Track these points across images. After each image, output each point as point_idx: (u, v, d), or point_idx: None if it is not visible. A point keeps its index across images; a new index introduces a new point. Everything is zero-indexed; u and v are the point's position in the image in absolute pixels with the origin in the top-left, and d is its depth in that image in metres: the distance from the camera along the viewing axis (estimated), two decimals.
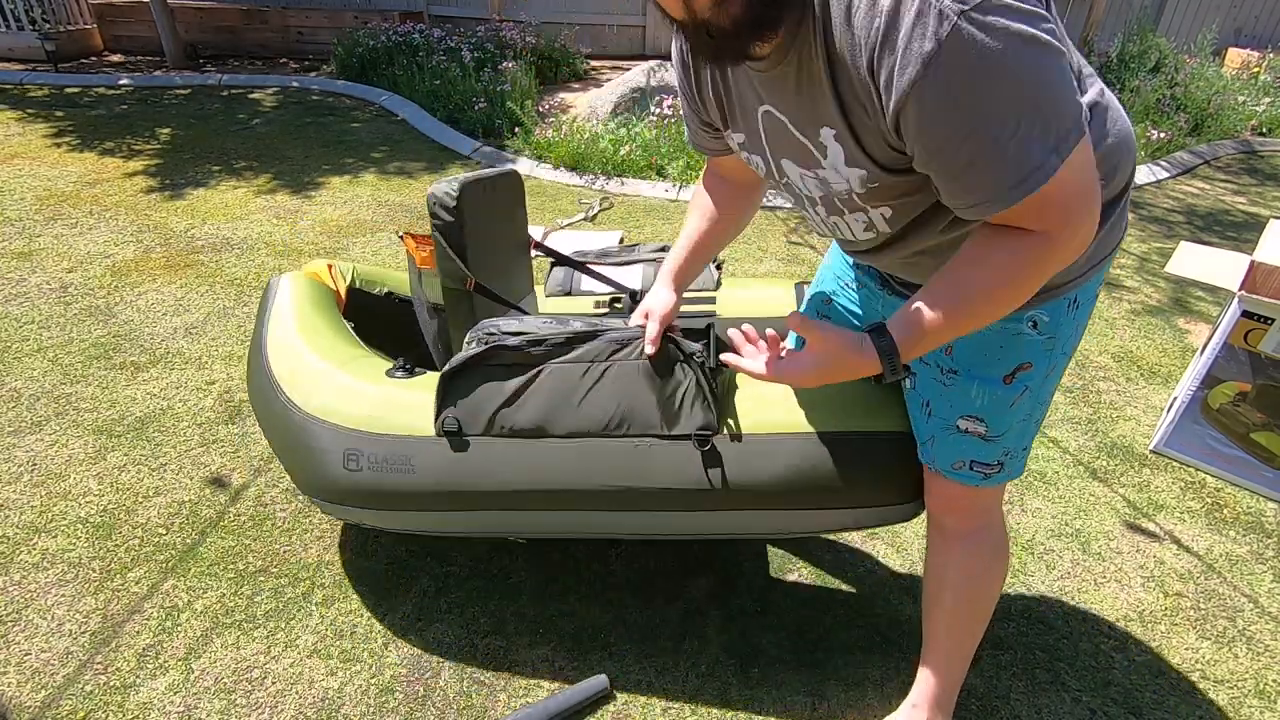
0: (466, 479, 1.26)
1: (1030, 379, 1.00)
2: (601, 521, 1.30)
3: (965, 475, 1.07)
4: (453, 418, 1.25)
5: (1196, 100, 4.98)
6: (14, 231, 3.11)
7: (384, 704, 1.34)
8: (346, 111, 5.05)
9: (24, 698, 1.33)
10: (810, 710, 1.35)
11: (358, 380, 1.36)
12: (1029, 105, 0.68)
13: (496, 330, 1.26)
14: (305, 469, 1.34)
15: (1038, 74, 0.67)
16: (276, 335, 1.51)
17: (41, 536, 1.66)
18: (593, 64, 6.38)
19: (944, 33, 0.65)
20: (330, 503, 1.35)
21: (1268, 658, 1.50)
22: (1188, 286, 3.05)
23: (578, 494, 1.25)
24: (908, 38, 0.67)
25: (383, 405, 1.30)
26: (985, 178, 0.72)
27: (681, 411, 1.21)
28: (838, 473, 1.20)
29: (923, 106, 0.69)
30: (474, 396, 1.25)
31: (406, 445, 1.27)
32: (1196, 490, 1.94)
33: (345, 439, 1.29)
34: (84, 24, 6.35)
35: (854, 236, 0.98)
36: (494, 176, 1.61)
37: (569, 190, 3.91)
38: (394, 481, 1.27)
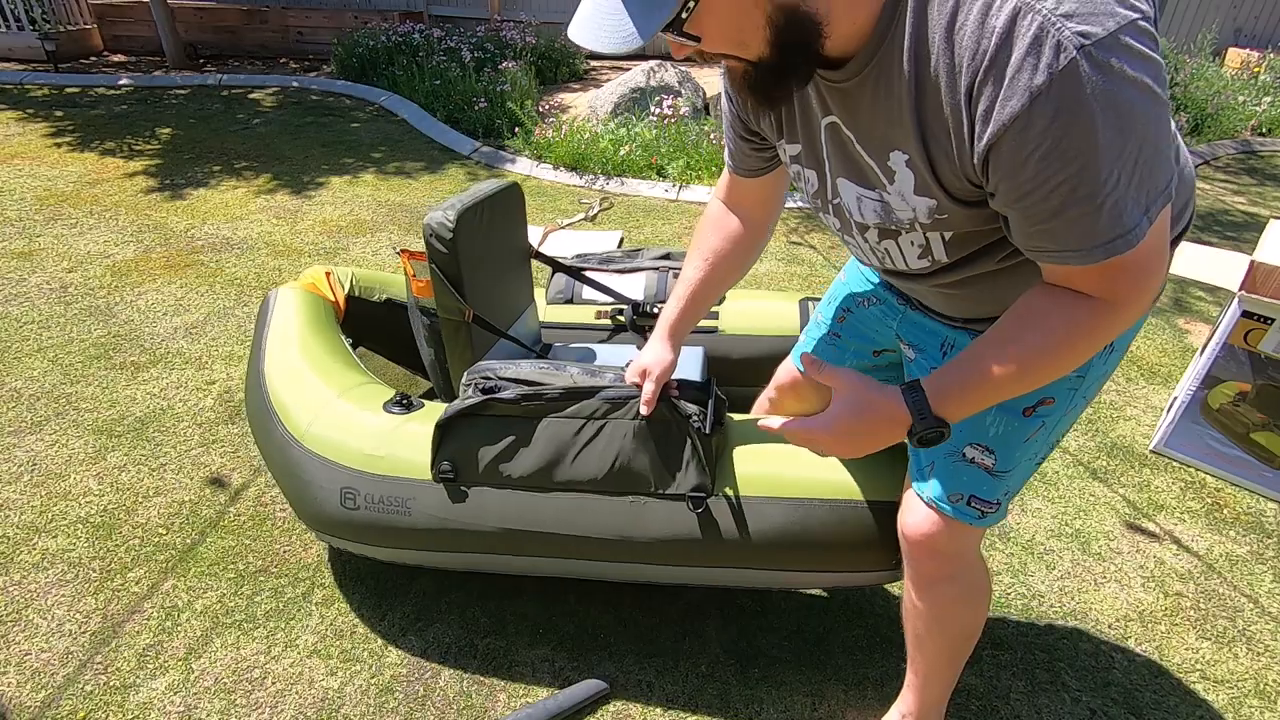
0: (462, 524, 1.28)
1: (1049, 415, 0.95)
2: (594, 569, 1.33)
3: (960, 511, 0.99)
4: (449, 465, 1.27)
5: (1196, 100, 4.98)
6: (14, 231, 3.11)
7: (384, 704, 1.34)
8: (346, 111, 5.05)
9: (24, 698, 1.33)
10: (810, 710, 1.35)
11: (356, 414, 1.37)
12: (1132, 160, 0.63)
13: (493, 376, 1.27)
14: (302, 501, 1.36)
15: (1148, 127, 0.62)
16: (274, 358, 1.52)
17: (41, 536, 1.66)
18: (593, 64, 6.38)
19: (1059, 66, 0.59)
20: (327, 534, 1.38)
21: (1268, 658, 1.50)
22: (1188, 286, 3.05)
23: (571, 543, 1.27)
24: (1018, 66, 0.60)
25: (380, 444, 1.32)
26: (1074, 230, 0.66)
27: (676, 472, 1.23)
28: (827, 539, 1.23)
29: (1022, 145, 0.63)
30: (469, 446, 1.26)
31: (403, 487, 1.29)
32: (1196, 490, 1.94)
33: (342, 476, 1.31)
34: (84, 24, 6.35)
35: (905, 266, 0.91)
36: (492, 195, 1.60)
37: (569, 190, 3.91)
38: (390, 521, 1.30)
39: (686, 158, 4.03)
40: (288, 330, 1.57)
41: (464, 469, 1.27)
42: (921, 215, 0.80)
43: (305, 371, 1.47)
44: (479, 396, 1.24)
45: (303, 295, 1.68)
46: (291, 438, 1.37)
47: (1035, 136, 0.62)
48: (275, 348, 1.54)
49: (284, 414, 1.41)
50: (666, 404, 1.20)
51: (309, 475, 1.33)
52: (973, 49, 0.63)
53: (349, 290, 1.83)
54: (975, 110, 0.65)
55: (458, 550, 1.32)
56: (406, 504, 1.29)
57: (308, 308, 1.64)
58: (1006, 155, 0.65)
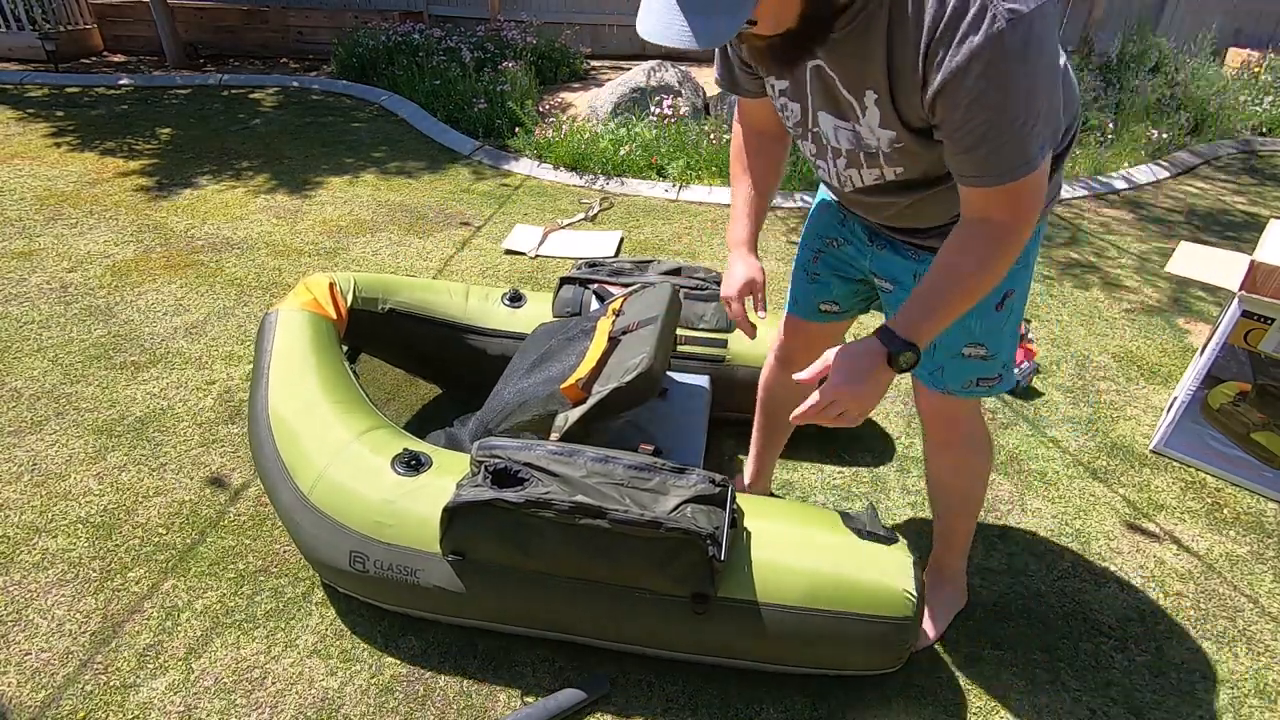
0: (469, 596, 1.31)
1: (1014, 302, 1.19)
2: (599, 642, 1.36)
3: (971, 390, 1.25)
4: (455, 549, 1.29)
5: (1197, 100, 4.98)
6: (14, 231, 3.11)
7: (384, 704, 1.34)
8: (347, 111, 5.05)
9: (24, 698, 1.33)
10: (810, 710, 1.35)
11: (363, 472, 1.38)
12: (1039, 107, 0.84)
13: (504, 457, 1.27)
14: (311, 554, 1.39)
15: (1050, 84, 0.84)
16: (279, 398, 1.52)
17: (41, 536, 1.66)
18: (593, 64, 6.38)
19: (992, 33, 0.79)
20: (334, 585, 1.42)
21: (1268, 658, 1.50)
22: (1188, 286, 3.05)
23: (574, 621, 1.32)
24: (965, 32, 0.80)
25: (388, 512, 1.33)
26: (994, 157, 0.87)
27: (683, 576, 1.24)
28: (830, 646, 1.27)
29: (958, 90, 0.83)
30: (477, 532, 1.28)
31: (412, 558, 1.31)
32: (1196, 490, 1.94)
33: (351, 540, 1.33)
34: (84, 24, 6.35)
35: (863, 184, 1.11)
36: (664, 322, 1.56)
37: (569, 190, 3.91)
38: (399, 582, 1.33)
39: (686, 158, 4.02)
40: (291, 365, 1.56)
41: (471, 549, 1.29)
42: (884, 145, 1.01)
43: (311, 417, 1.47)
44: (487, 490, 1.24)
45: (303, 318, 1.66)
46: (299, 491, 1.38)
47: (969, 85, 0.83)
48: (279, 386, 1.53)
49: (292, 467, 1.42)
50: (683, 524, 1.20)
51: (317, 533, 1.36)
52: (934, 15, 0.82)
53: (351, 301, 1.81)
54: (930, 62, 0.84)
55: (464, 616, 1.36)
56: (415, 573, 1.32)
57: (310, 334, 1.63)
58: (947, 97, 0.85)
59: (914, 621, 1.26)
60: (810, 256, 1.41)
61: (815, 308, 1.44)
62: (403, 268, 2.97)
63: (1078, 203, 3.96)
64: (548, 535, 1.24)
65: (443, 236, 3.26)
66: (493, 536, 1.26)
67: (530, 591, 1.30)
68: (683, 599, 1.25)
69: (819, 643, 1.26)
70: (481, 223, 3.43)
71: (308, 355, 1.58)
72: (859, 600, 1.24)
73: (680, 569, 1.23)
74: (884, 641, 1.26)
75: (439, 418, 2.09)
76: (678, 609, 1.26)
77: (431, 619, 1.42)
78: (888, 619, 1.24)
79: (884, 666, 1.30)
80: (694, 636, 1.28)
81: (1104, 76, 5.25)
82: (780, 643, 1.26)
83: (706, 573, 1.22)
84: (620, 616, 1.29)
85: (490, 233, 3.33)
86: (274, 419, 1.48)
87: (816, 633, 1.25)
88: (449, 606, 1.34)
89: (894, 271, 1.27)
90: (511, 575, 1.29)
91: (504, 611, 1.33)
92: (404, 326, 1.89)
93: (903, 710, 1.36)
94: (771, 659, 1.30)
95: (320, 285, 1.78)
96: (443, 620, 1.40)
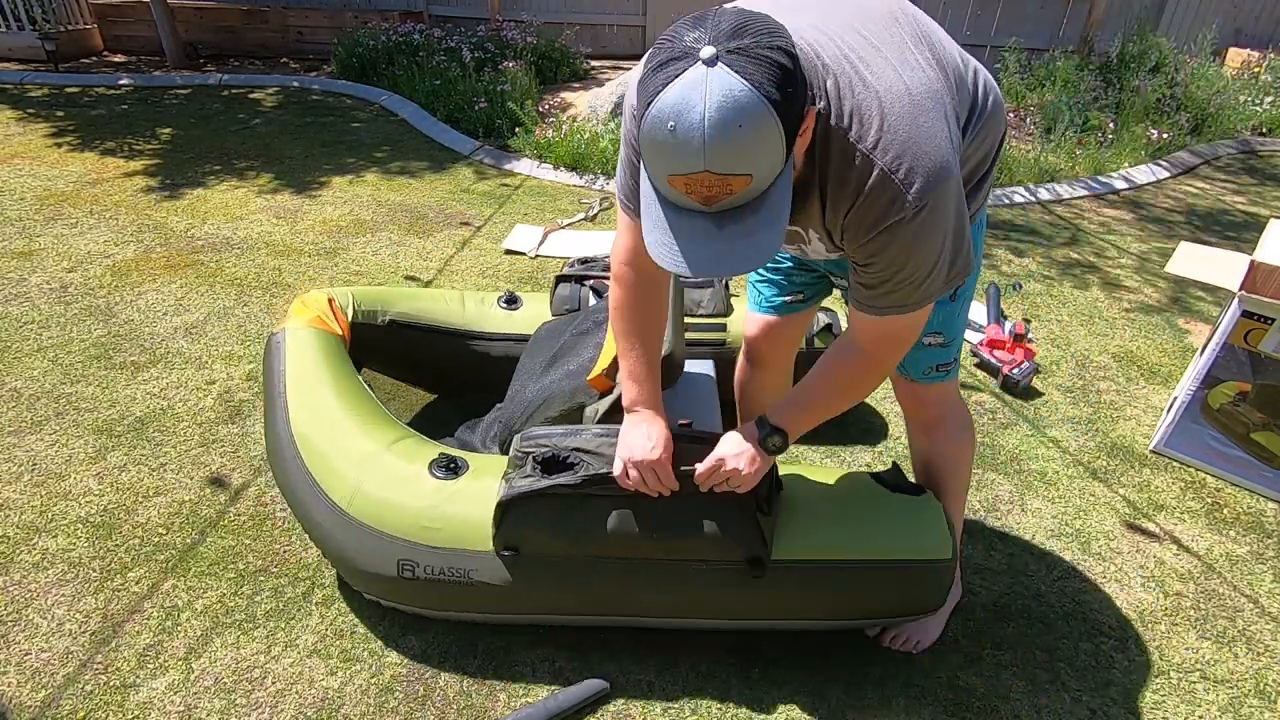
0: (525, 592, 1.31)
1: (964, 289, 1.26)
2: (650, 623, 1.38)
3: (934, 376, 1.33)
4: (509, 543, 1.29)
5: (1197, 100, 4.97)
6: (14, 231, 3.11)
7: (384, 704, 1.34)
8: (347, 111, 5.05)
9: (24, 698, 1.33)
10: (810, 710, 1.35)
11: (402, 479, 1.36)
12: (930, 271, 0.97)
13: (550, 445, 1.26)
14: (355, 571, 1.37)
15: (943, 250, 0.97)
16: (301, 415, 1.48)
17: (41, 536, 1.66)
18: (593, 64, 6.38)
19: (901, 217, 0.91)
20: (379, 597, 1.40)
21: (1268, 658, 1.50)
22: (1188, 286, 3.05)
23: (629, 603, 1.33)
24: (879, 213, 0.92)
25: (434, 515, 1.32)
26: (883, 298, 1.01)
27: (735, 541, 1.26)
28: (878, 595, 1.31)
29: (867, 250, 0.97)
30: (530, 524, 1.27)
31: (464, 559, 1.30)
32: (1196, 490, 1.94)
33: (398, 549, 1.31)
34: (84, 24, 6.35)
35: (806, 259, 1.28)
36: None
37: (569, 190, 3.91)
38: (451, 585, 1.32)
39: None
40: (307, 383, 1.53)
41: (524, 542, 1.29)
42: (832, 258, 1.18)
43: (337, 432, 1.44)
44: (540, 479, 1.24)
45: (311, 335, 1.64)
46: (337, 506, 1.35)
47: (874, 250, 0.96)
48: (299, 406, 1.50)
49: (324, 481, 1.38)
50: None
51: (360, 546, 1.33)
52: (854, 192, 0.93)
53: (352, 316, 1.79)
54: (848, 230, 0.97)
55: (518, 611, 1.36)
56: (469, 574, 1.31)
57: (322, 351, 1.61)
58: (858, 251, 0.99)
59: (953, 560, 1.31)
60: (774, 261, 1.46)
61: (781, 302, 1.47)
62: (403, 268, 2.97)
63: (1078, 203, 3.96)
64: (602, 518, 1.25)
65: (443, 236, 3.26)
66: (546, 527, 1.26)
67: (585, 579, 1.29)
68: (737, 565, 1.27)
69: (868, 593, 1.30)
70: (482, 223, 3.43)
71: (322, 372, 1.55)
72: (902, 547, 1.29)
73: (733, 534, 1.25)
74: (928, 583, 1.31)
75: (439, 421, 2.09)
76: (733, 577, 1.28)
77: (482, 620, 1.41)
78: (931, 561, 1.29)
79: (931, 606, 1.34)
80: (749, 603, 1.30)
81: (1104, 76, 5.25)
82: (832, 597, 1.31)
83: (758, 535, 1.25)
84: (677, 591, 1.29)
85: (490, 233, 3.33)
86: (299, 438, 1.44)
87: (865, 583, 1.29)
88: (503, 604, 1.33)
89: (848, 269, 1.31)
90: (566, 566, 1.29)
91: (560, 603, 1.33)
92: (406, 337, 1.88)
93: (903, 710, 1.36)
94: (826, 614, 1.34)
95: (319, 302, 1.75)
96: (493, 620, 1.40)
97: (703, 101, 0.74)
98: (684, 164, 0.78)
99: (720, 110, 0.74)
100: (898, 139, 0.89)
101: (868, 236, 0.94)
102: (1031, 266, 3.19)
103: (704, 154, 0.76)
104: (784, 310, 1.48)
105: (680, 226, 0.85)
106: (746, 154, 0.77)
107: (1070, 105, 4.72)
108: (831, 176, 0.93)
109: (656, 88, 0.77)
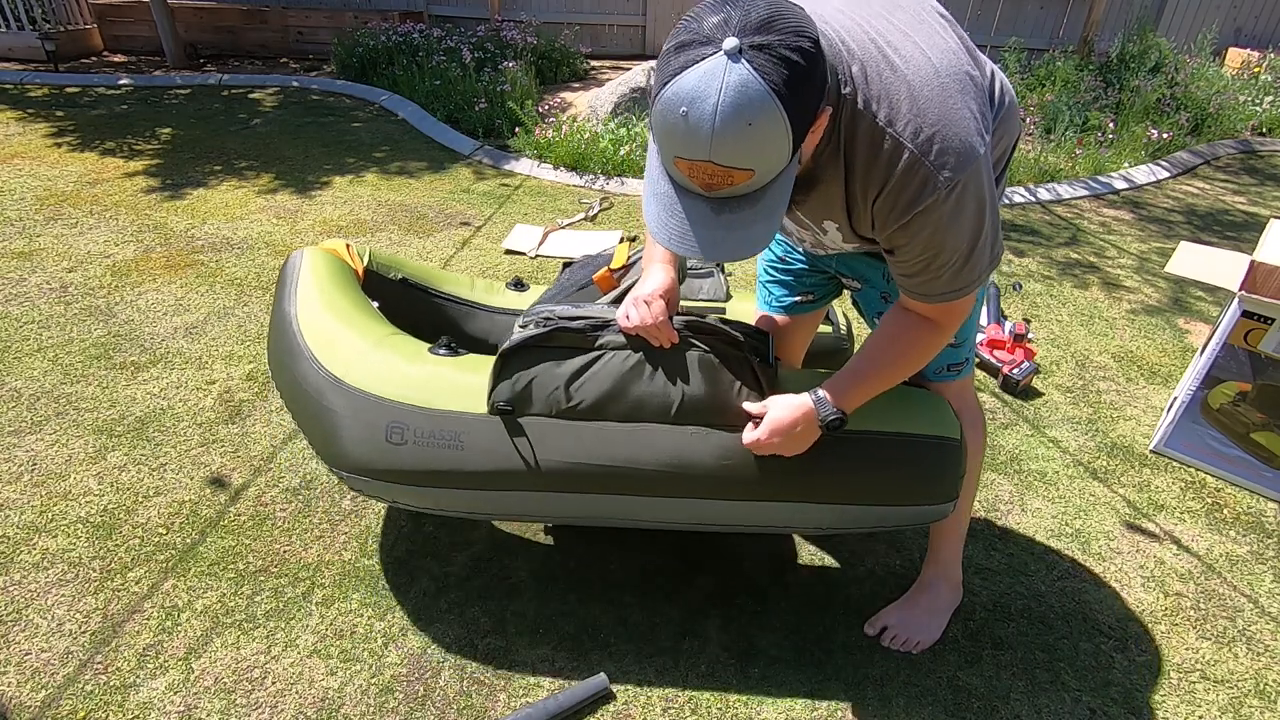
0: (517, 458, 1.24)
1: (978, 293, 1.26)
2: (647, 509, 1.28)
3: (946, 375, 1.34)
4: (506, 397, 1.24)
5: (1196, 100, 4.97)
6: (14, 231, 3.11)
7: (384, 704, 1.34)
8: (347, 111, 5.05)
9: (24, 698, 1.33)
10: (810, 710, 1.35)
11: (401, 355, 1.34)
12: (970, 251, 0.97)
13: (554, 316, 1.25)
14: (342, 443, 1.29)
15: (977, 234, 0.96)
16: (306, 309, 1.46)
17: (41, 536, 1.66)
18: (593, 64, 6.38)
19: (933, 199, 0.91)
20: (365, 478, 1.31)
21: (1268, 658, 1.50)
22: (1188, 286, 3.05)
23: (628, 478, 1.24)
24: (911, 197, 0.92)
25: (431, 381, 1.28)
26: (931, 284, 1.02)
27: (738, 403, 1.22)
28: (886, 470, 1.24)
29: (901, 237, 0.97)
30: (530, 376, 1.24)
31: (456, 421, 1.24)
32: (1196, 490, 1.94)
33: (390, 412, 1.26)
34: (84, 24, 6.34)
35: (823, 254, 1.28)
36: None
37: (569, 190, 3.91)
38: (440, 458, 1.25)
39: None
40: (319, 285, 1.52)
41: (522, 401, 1.24)
42: (847, 249, 1.16)
43: (343, 319, 1.42)
44: (546, 327, 1.23)
45: (329, 259, 1.64)
46: (332, 376, 1.31)
47: (910, 235, 0.96)
48: (307, 297, 1.48)
49: (323, 356, 1.35)
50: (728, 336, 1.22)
51: (351, 412, 1.27)
52: (883, 177, 0.92)
53: (367, 264, 1.82)
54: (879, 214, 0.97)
55: (507, 488, 1.27)
56: (459, 438, 1.24)
57: (333, 267, 1.61)
58: (891, 239, 0.99)
59: (962, 447, 1.27)
60: (777, 257, 1.45)
61: (791, 302, 1.47)
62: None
63: (1078, 203, 3.96)
64: (603, 372, 1.23)
65: (443, 236, 3.26)
66: (545, 379, 1.23)
67: (582, 450, 1.24)
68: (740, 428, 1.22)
69: (877, 472, 1.23)
70: (481, 223, 3.43)
71: (335, 285, 1.54)
72: (909, 422, 1.25)
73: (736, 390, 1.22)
74: (940, 464, 1.24)
75: None
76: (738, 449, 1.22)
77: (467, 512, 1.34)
78: (940, 440, 1.25)
79: (944, 494, 1.26)
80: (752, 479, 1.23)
81: (1104, 76, 5.25)
82: (839, 477, 1.23)
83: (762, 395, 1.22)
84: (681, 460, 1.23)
85: (490, 233, 3.33)
86: (303, 323, 1.41)
87: (873, 459, 1.23)
88: (493, 479, 1.26)
89: (861, 270, 1.32)
90: (563, 431, 1.24)
91: (553, 477, 1.25)
92: (416, 297, 1.87)
93: (903, 710, 1.36)
94: (831, 498, 1.25)
95: (337, 244, 1.76)
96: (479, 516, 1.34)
97: (717, 94, 0.74)
98: (690, 150, 0.79)
99: (733, 106, 0.74)
100: (927, 121, 0.89)
101: (900, 221, 0.94)
102: (1031, 266, 3.19)
103: (710, 145, 0.77)
104: (793, 310, 1.48)
105: (679, 204, 0.86)
106: (751, 151, 0.78)
107: (1070, 105, 4.73)
108: (859, 162, 0.93)
109: (676, 69, 0.77)
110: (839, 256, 1.33)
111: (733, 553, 1.68)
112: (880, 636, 1.47)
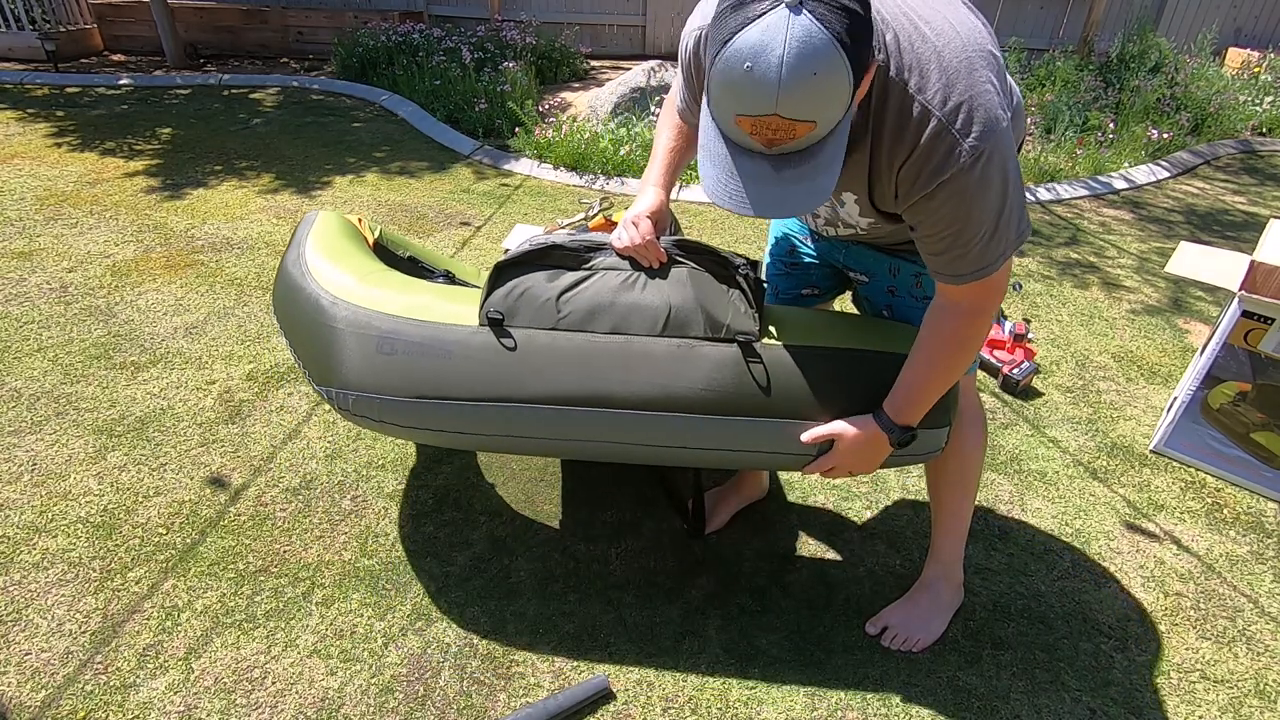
0: (504, 367, 1.24)
1: None
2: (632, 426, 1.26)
3: None
4: (498, 306, 1.26)
5: (1197, 100, 4.97)
6: (14, 231, 3.11)
7: (384, 704, 1.34)
8: (347, 111, 5.05)
9: (24, 698, 1.33)
10: (810, 710, 1.35)
11: (402, 281, 1.38)
12: (996, 223, 0.97)
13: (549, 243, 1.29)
14: (333, 356, 1.29)
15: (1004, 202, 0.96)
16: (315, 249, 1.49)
17: (41, 536, 1.66)
18: (593, 64, 6.38)
19: (959, 167, 0.91)
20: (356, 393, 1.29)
21: (1268, 658, 1.50)
22: (1188, 286, 3.05)
23: (614, 392, 1.23)
24: (936, 165, 0.92)
25: (426, 298, 1.31)
26: (959, 261, 1.00)
27: (726, 318, 1.23)
28: (875, 388, 1.21)
29: (926, 209, 0.97)
30: (523, 288, 1.26)
31: (447, 332, 1.26)
32: (1196, 490, 1.94)
33: (384, 322, 1.28)
34: (84, 24, 6.34)
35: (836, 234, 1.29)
36: None
37: (569, 190, 3.91)
38: (428, 369, 1.25)
39: None
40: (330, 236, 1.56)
41: (513, 313, 1.25)
42: (861, 225, 1.17)
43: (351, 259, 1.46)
44: (542, 244, 1.26)
45: (341, 219, 1.67)
46: (333, 297, 1.33)
47: (935, 206, 0.96)
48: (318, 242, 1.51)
49: (326, 281, 1.38)
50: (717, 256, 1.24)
51: (347, 325, 1.29)
52: (910, 145, 0.94)
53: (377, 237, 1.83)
54: (904, 183, 0.98)
55: (495, 399, 1.25)
56: (449, 348, 1.25)
57: (347, 229, 1.64)
58: (917, 212, 0.99)
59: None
60: (785, 250, 1.47)
61: (797, 295, 1.48)
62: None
63: (1078, 203, 3.96)
64: (594, 286, 1.25)
65: (443, 236, 3.26)
66: (536, 297, 1.25)
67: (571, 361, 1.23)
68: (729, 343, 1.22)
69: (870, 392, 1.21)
70: (481, 223, 3.43)
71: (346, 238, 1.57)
72: (899, 341, 1.24)
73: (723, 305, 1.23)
74: None
75: None
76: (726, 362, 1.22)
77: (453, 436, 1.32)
78: None
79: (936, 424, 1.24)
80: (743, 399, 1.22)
81: (1104, 76, 5.25)
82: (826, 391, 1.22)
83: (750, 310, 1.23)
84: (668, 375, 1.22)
85: (490, 233, 3.33)
86: (310, 260, 1.44)
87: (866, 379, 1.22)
88: (477, 390, 1.25)
89: (867, 264, 1.34)
90: (553, 343, 1.24)
91: (539, 387, 1.24)
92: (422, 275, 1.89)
93: (903, 710, 1.36)
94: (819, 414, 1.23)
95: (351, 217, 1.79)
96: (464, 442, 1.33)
97: (783, 46, 0.75)
98: (754, 105, 0.79)
99: (800, 56, 0.75)
100: (955, 91, 0.91)
101: (924, 190, 0.95)
102: (1031, 266, 3.19)
103: (776, 97, 0.78)
104: (800, 304, 1.49)
105: (739, 166, 0.87)
106: (816, 101, 0.79)
107: (1070, 105, 4.73)
108: (887, 129, 0.94)
109: (735, 27, 0.77)
110: (846, 249, 1.34)
111: (733, 553, 1.68)
112: (881, 636, 1.47)
